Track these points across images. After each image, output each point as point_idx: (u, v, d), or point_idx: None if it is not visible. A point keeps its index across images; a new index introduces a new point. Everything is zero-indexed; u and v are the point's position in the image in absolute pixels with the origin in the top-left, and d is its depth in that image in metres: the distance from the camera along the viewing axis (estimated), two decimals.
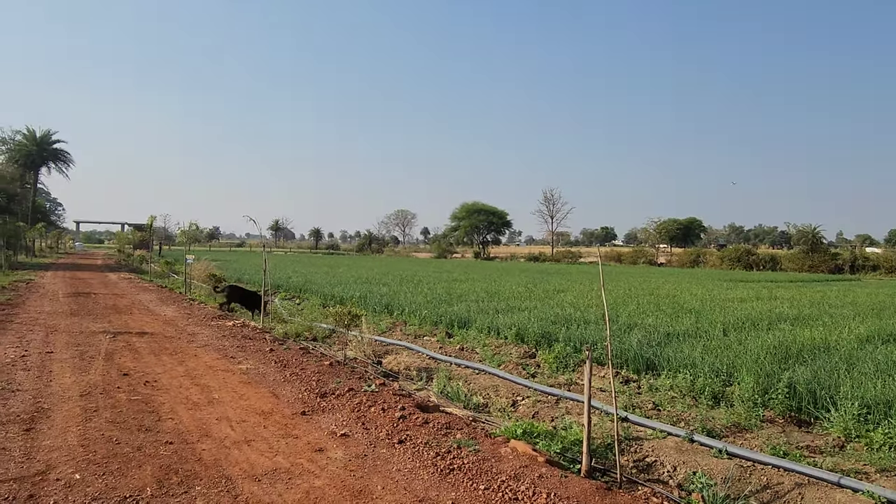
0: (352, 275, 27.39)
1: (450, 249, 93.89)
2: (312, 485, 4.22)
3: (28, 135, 51.05)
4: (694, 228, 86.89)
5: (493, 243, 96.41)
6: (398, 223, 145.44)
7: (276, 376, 7.58)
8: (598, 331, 10.17)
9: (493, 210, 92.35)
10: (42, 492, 3.97)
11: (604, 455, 5.30)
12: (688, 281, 28.61)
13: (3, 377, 6.97)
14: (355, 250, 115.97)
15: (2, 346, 8.89)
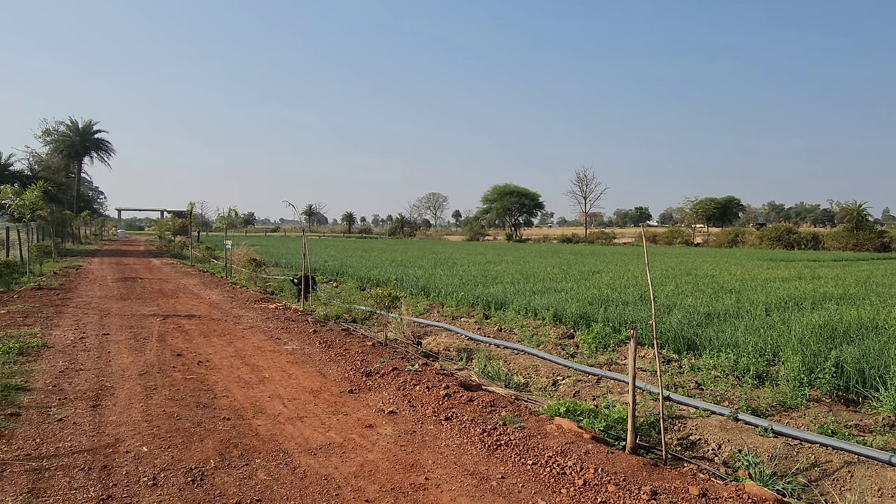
0: (386, 258, 27.67)
1: (482, 232, 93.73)
2: (366, 458, 4.39)
3: (71, 126, 52.70)
4: (732, 207, 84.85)
5: (525, 225, 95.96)
6: (430, 206, 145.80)
7: (321, 356, 7.80)
8: (636, 311, 10.15)
9: (525, 192, 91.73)
10: (114, 463, 4.22)
11: (647, 433, 5.36)
12: (726, 261, 28.10)
13: (66, 358, 7.35)
14: (388, 234, 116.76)
15: (61, 328, 9.33)
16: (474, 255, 31.80)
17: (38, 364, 6.96)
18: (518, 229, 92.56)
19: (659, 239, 70.04)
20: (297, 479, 4.02)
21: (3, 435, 4.65)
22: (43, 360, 7.14)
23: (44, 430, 4.83)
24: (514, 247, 56.59)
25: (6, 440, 4.55)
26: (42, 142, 51.57)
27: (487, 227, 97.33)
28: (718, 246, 61.73)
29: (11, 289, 14.42)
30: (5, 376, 6.23)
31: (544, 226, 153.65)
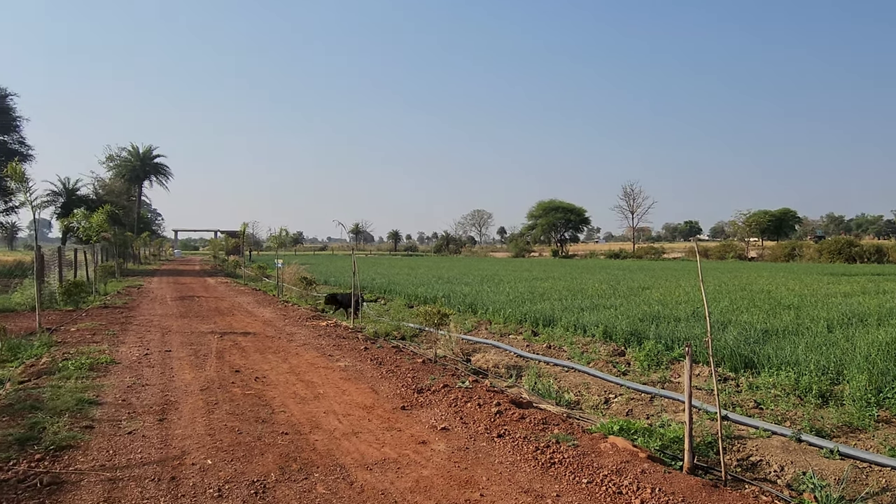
0: (432, 275, 27.87)
1: (527, 248, 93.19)
2: (420, 474, 4.46)
3: (133, 151, 55.41)
4: (787, 220, 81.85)
5: (571, 241, 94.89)
6: (474, 223, 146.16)
7: (373, 373, 7.94)
8: (688, 328, 9.95)
9: (571, 207, 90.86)
10: (181, 474, 4.41)
11: (705, 453, 5.24)
12: (783, 275, 27.14)
13: (133, 373, 7.71)
14: (433, 251, 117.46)
15: (127, 345, 9.78)
16: (520, 272, 31.69)
17: (108, 379, 7.32)
18: (564, 245, 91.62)
19: (710, 253, 68.09)
20: (354, 493, 4.12)
21: (80, 446, 4.93)
22: (112, 376, 7.51)
23: (116, 442, 5.09)
24: (560, 263, 56.05)
25: (83, 451, 4.82)
26: (106, 167, 54.43)
27: (533, 243, 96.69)
28: (774, 260, 59.53)
29: (80, 307, 15.21)
30: (79, 390, 6.59)
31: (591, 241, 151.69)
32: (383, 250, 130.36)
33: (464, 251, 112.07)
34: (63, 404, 6.00)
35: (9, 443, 4.88)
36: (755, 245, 76.93)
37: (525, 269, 35.48)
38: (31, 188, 11.51)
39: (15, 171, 10.94)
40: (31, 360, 8.36)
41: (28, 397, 6.21)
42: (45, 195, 41.80)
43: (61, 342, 9.81)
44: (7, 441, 4.91)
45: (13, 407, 5.86)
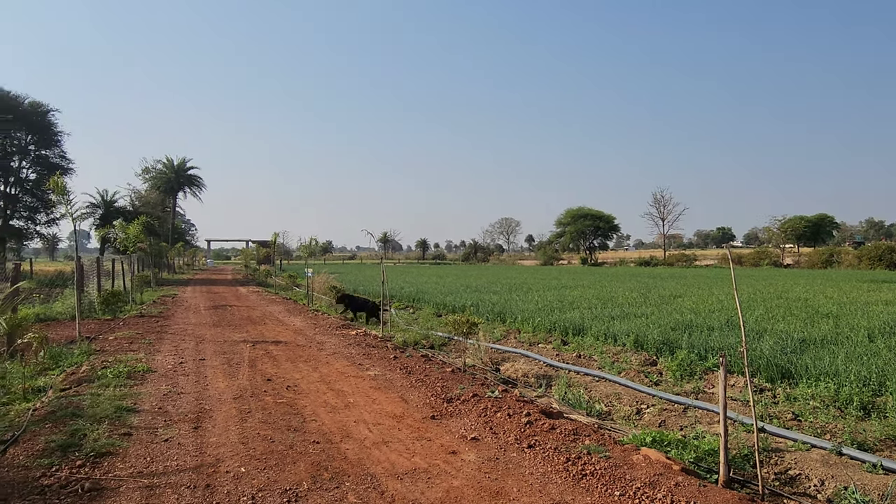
0: (460, 283, 27.88)
1: (555, 256, 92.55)
2: (451, 485, 4.46)
3: (167, 163, 56.82)
4: (825, 225, 79.82)
5: (600, 248, 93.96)
6: (502, 231, 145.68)
7: (402, 382, 7.97)
8: (722, 337, 9.76)
9: (600, 214, 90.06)
10: (216, 482, 4.49)
11: (741, 466, 5.13)
12: (821, 283, 26.44)
13: (168, 382, 7.88)
14: (461, 259, 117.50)
15: (162, 354, 10.00)
16: (549, 280, 31.48)
17: (144, 387, 7.49)
18: (593, 253, 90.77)
19: (745, 260, 66.68)
20: (385, 502, 4.13)
21: (119, 453, 5.05)
22: (148, 384, 7.69)
23: (153, 449, 5.20)
24: (589, 271, 55.51)
25: (121, 458, 4.94)
26: (142, 179, 55.92)
27: (561, 251, 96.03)
28: (811, 267, 58.03)
29: (117, 316, 15.61)
30: (117, 398, 6.76)
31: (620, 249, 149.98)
32: (411, 259, 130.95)
33: (492, 259, 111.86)
34: (102, 412, 6.16)
35: (52, 449, 5.03)
36: (791, 252, 75.11)
37: (554, 277, 35.23)
38: (72, 201, 11.85)
39: (57, 184, 11.31)
40: (72, 369, 8.60)
41: (69, 404, 6.39)
42: (85, 207, 43.20)
43: (100, 350, 10.08)
44: (50, 447, 5.06)
45: (55, 414, 6.04)
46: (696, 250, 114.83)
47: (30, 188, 40.68)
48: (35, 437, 5.34)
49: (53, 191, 11.63)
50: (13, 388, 7.18)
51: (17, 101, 38.88)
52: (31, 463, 4.73)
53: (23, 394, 6.99)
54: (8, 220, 40.14)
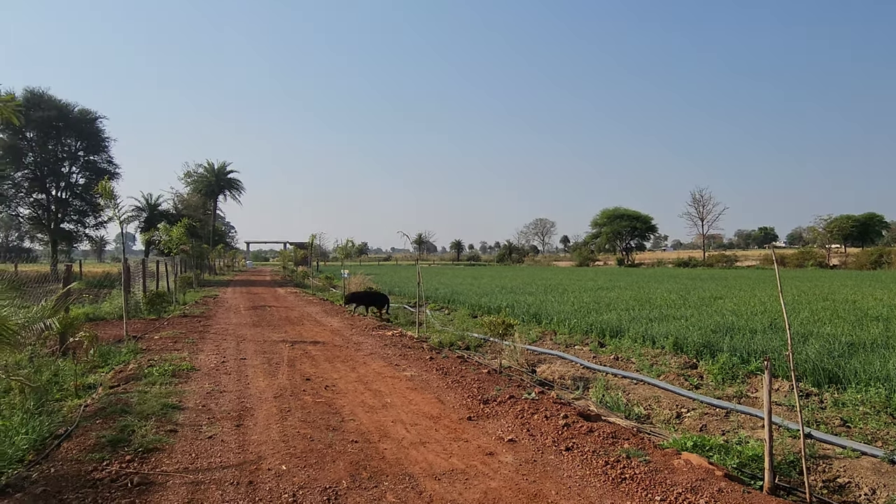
0: (495, 284, 27.81)
1: (591, 257, 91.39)
2: (489, 486, 4.46)
3: (208, 167, 58.26)
4: (873, 225, 76.81)
5: (637, 249, 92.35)
6: (537, 232, 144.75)
7: (438, 383, 8.00)
8: (765, 340, 9.52)
9: (637, 214, 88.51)
10: (258, 479, 4.59)
11: (787, 473, 4.99)
12: (869, 284, 25.48)
13: (211, 380, 8.08)
14: (496, 260, 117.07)
15: (205, 353, 10.26)
16: (585, 281, 31.14)
17: (189, 385, 7.71)
18: (630, 254, 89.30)
19: (788, 261, 64.64)
20: (423, 503, 4.16)
21: (165, 449, 5.21)
22: (192, 382, 7.90)
23: (197, 446, 5.35)
24: (626, 272, 54.68)
25: (168, 454, 5.10)
26: (184, 183, 57.43)
27: (597, 252, 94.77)
28: (858, 268, 55.90)
29: (162, 316, 16.09)
30: (163, 396, 6.97)
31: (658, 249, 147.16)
32: (446, 260, 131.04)
33: (526, 260, 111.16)
34: (149, 409, 6.37)
35: (102, 444, 5.22)
36: (837, 252, 72.53)
37: (590, 279, 34.82)
38: (119, 204, 12.27)
39: (105, 188, 11.72)
40: (120, 366, 8.91)
41: (118, 401, 6.62)
42: (131, 210, 44.63)
43: (146, 349, 10.41)
44: (101, 443, 5.25)
45: (105, 410, 6.27)
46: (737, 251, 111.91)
47: (79, 192, 42.28)
48: (87, 433, 5.55)
49: (102, 195, 12.06)
50: (66, 384, 7.48)
51: (68, 109, 40.45)
52: (83, 457, 4.91)
53: (74, 390, 7.27)
54: (59, 223, 41.80)
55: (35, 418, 5.58)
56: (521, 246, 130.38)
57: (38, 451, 5.07)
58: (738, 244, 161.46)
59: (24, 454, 4.95)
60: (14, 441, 5.00)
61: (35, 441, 5.23)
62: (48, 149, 40.40)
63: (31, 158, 39.68)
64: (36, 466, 4.71)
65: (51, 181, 40.83)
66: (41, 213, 41.69)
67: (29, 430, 5.30)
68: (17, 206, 41.60)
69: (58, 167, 40.97)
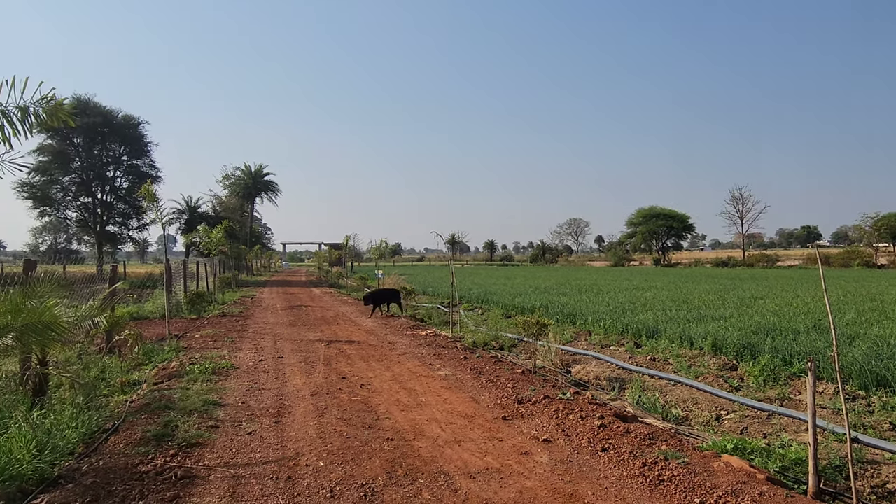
0: (529, 285, 27.67)
1: (626, 257, 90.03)
2: (524, 485, 4.45)
3: (245, 170, 59.40)
4: None
5: (673, 249, 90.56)
6: (571, 232, 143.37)
7: (472, 382, 8.01)
8: (808, 342, 9.25)
9: (673, 213, 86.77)
10: (297, 475, 4.68)
11: (832, 478, 4.84)
12: None
13: (250, 378, 8.26)
14: (529, 261, 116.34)
15: (243, 351, 10.49)
16: (620, 281, 30.72)
17: (229, 383, 7.89)
18: (666, 253, 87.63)
19: (833, 261, 62.52)
20: (459, 500, 4.18)
21: (207, 444, 5.35)
22: (232, 380, 8.09)
23: (238, 441, 5.48)
24: (662, 272, 53.71)
25: (209, 449, 5.24)
26: (222, 185, 58.74)
27: (632, 251, 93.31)
28: None
29: (202, 315, 16.50)
30: (204, 392, 7.16)
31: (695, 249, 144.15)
32: (479, 260, 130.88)
33: (560, 260, 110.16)
34: (191, 405, 6.54)
35: (147, 438, 5.39)
36: (885, 251, 69.84)
37: (625, 279, 34.34)
38: (161, 206, 12.64)
39: (148, 191, 12.09)
40: (163, 364, 9.17)
41: (162, 398, 6.83)
42: (172, 212, 45.89)
43: (187, 347, 10.70)
44: (146, 437, 5.43)
45: (150, 406, 6.47)
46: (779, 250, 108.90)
47: (123, 195, 43.65)
48: (132, 427, 5.74)
49: (145, 198, 12.44)
50: (112, 381, 7.74)
51: (112, 115, 41.82)
52: (129, 451, 5.09)
53: (120, 387, 7.52)
54: (104, 225, 43.25)
55: (84, 413, 5.79)
56: (554, 246, 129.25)
57: (88, 445, 5.27)
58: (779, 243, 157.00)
59: (75, 447, 5.15)
60: (65, 435, 5.20)
61: (84, 435, 5.43)
62: (94, 154, 41.83)
63: (78, 163, 41.12)
64: (85, 459, 4.89)
65: (96, 185, 42.27)
66: (87, 216, 43.21)
67: (78, 424, 5.50)
68: (66, 210, 43.23)
69: (103, 171, 42.39)
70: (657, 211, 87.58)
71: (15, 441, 4.69)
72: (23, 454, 4.54)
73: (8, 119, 5.07)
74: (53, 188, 40.66)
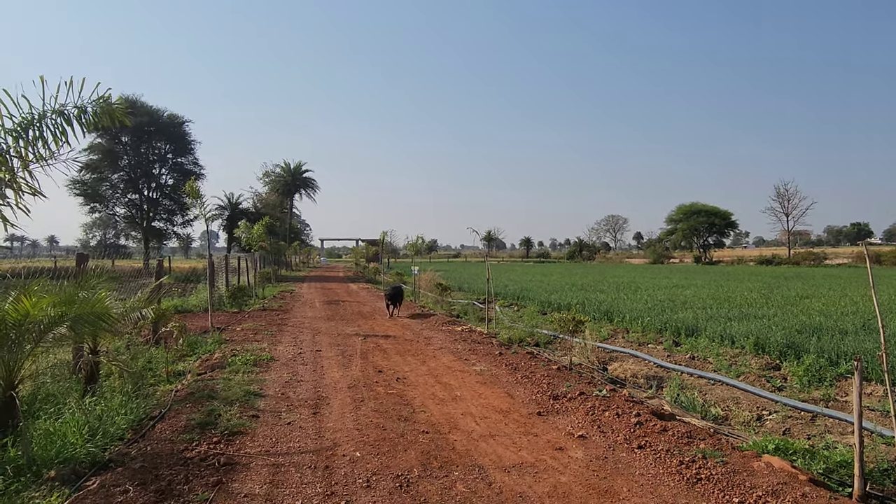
0: (565, 282, 27.42)
1: (666, 254, 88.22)
2: (558, 480, 4.46)
3: (285, 167, 60.45)
4: None
5: (715, 246, 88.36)
6: (609, 229, 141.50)
7: (507, 378, 8.02)
8: (857, 342, 8.95)
9: (715, 210, 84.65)
10: (334, 464, 4.78)
11: (879, 481, 4.69)
12: None
13: (289, 370, 8.45)
14: (566, 258, 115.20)
15: (283, 344, 10.72)
16: (659, 279, 30.18)
17: (269, 374, 8.09)
18: (707, 251, 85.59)
19: (884, 259, 59.96)
20: (493, 493, 4.21)
21: (248, 433, 5.52)
22: (272, 371, 8.29)
23: (277, 431, 5.63)
24: (703, 269, 52.49)
25: (250, 437, 5.39)
26: (262, 182, 59.90)
27: (672, 248, 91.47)
28: None
29: (243, 309, 16.90)
30: (246, 383, 7.36)
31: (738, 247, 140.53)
32: (515, 257, 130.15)
33: (597, 258, 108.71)
34: (233, 395, 6.74)
35: (192, 426, 5.59)
36: None
37: (664, 276, 33.70)
38: (204, 203, 12.98)
39: (192, 188, 12.46)
40: (206, 355, 9.45)
41: (205, 387, 7.05)
42: (214, 209, 47.04)
43: (229, 340, 10.99)
44: (191, 425, 5.62)
45: (194, 395, 6.69)
46: (826, 248, 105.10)
47: (168, 192, 44.97)
48: (178, 415, 5.95)
49: (189, 194, 12.82)
50: (158, 371, 8.03)
51: (158, 115, 43.12)
52: (175, 437, 5.28)
53: (166, 377, 7.79)
54: (151, 221, 44.66)
55: (132, 401, 6.04)
56: (591, 243, 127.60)
57: (136, 431, 5.49)
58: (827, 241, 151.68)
59: (124, 433, 5.38)
60: (115, 421, 5.43)
61: (133, 421, 5.66)
62: (141, 152, 43.20)
63: (126, 161, 42.55)
64: (134, 444, 5.10)
65: (143, 182, 43.65)
66: (135, 212, 44.67)
67: (127, 411, 5.74)
68: (114, 206, 44.76)
69: (149, 169, 43.76)
70: (698, 207, 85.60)
71: (69, 426, 4.93)
72: (76, 438, 4.77)
73: (66, 119, 5.31)
74: (103, 185, 42.18)
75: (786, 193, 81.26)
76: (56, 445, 4.63)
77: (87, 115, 5.48)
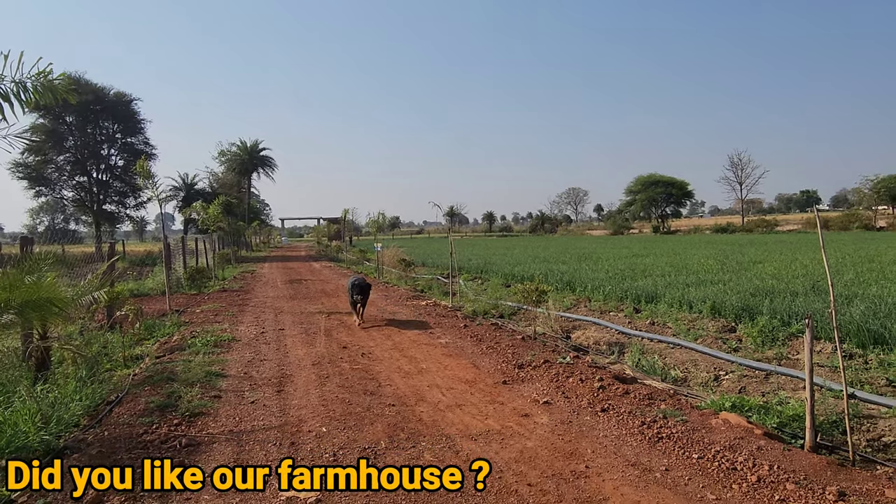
0: (528, 255, 27.69)
1: (626, 225, 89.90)
2: (525, 445, 4.51)
3: (241, 146, 58.90)
4: None
5: (673, 216, 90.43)
6: (570, 201, 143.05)
7: (473, 349, 8.07)
8: (807, 303, 9.29)
9: (672, 180, 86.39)
10: (300, 440, 4.74)
11: (829, 433, 4.90)
12: None
13: (252, 350, 8.31)
14: (528, 231, 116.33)
15: (245, 324, 10.54)
16: (619, 249, 30.75)
17: (230, 355, 7.94)
18: (665, 221, 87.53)
19: (832, 224, 62.49)
20: (460, 461, 4.23)
21: (210, 413, 5.41)
22: (234, 352, 8.14)
23: (241, 410, 5.53)
24: (662, 239, 53.74)
25: (213, 418, 5.29)
26: (218, 162, 58.34)
27: (632, 219, 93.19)
28: None
29: (202, 291, 16.53)
30: (207, 364, 7.20)
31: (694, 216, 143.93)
32: (478, 232, 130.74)
33: (560, 230, 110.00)
34: (194, 376, 6.59)
35: (151, 409, 5.44)
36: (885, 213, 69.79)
37: (624, 247, 34.37)
38: (157, 183, 12.55)
39: (143, 168, 12.00)
40: (165, 338, 9.23)
41: (164, 370, 6.88)
42: (168, 190, 45.63)
43: (188, 322, 10.74)
44: (150, 408, 5.48)
45: (152, 378, 6.52)
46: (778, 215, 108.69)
47: (119, 174, 43.32)
48: (136, 399, 5.79)
49: (139, 174, 12.36)
50: (114, 355, 7.80)
51: (104, 93, 41.26)
52: (133, 421, 5.14)
53: (123, 361, 7.58)
54: (101, 204, 43.00)
55: (88, 386, 5.84)
56: (553, 216, 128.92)
57: (92, 417, 5.32)
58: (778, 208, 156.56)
59: (79, 419, 5.20)
60: (69, 407, 5.24)
61: (88, 407, 5.48)
62: (87, 132, 41.33)
63: (72, 142, 40.69)
64: (90, 430, 4.95)
65: (91, 164, 41.87)
66: (84, 196, 42.87)
67: (82, 397, 5.54)
68: (62, 189, 42.85)
69: (97, 150, 41.98)
70: (656, 178, 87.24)
71: (20, 414, 4.73)
72: (28, 427, 4.58)
73: (3, 95, 4.99)
74: (48, 168, 40.27)
75: (739, 163, 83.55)
76: (6, 435, 4.44)
77: (27, 93, 5.15)
